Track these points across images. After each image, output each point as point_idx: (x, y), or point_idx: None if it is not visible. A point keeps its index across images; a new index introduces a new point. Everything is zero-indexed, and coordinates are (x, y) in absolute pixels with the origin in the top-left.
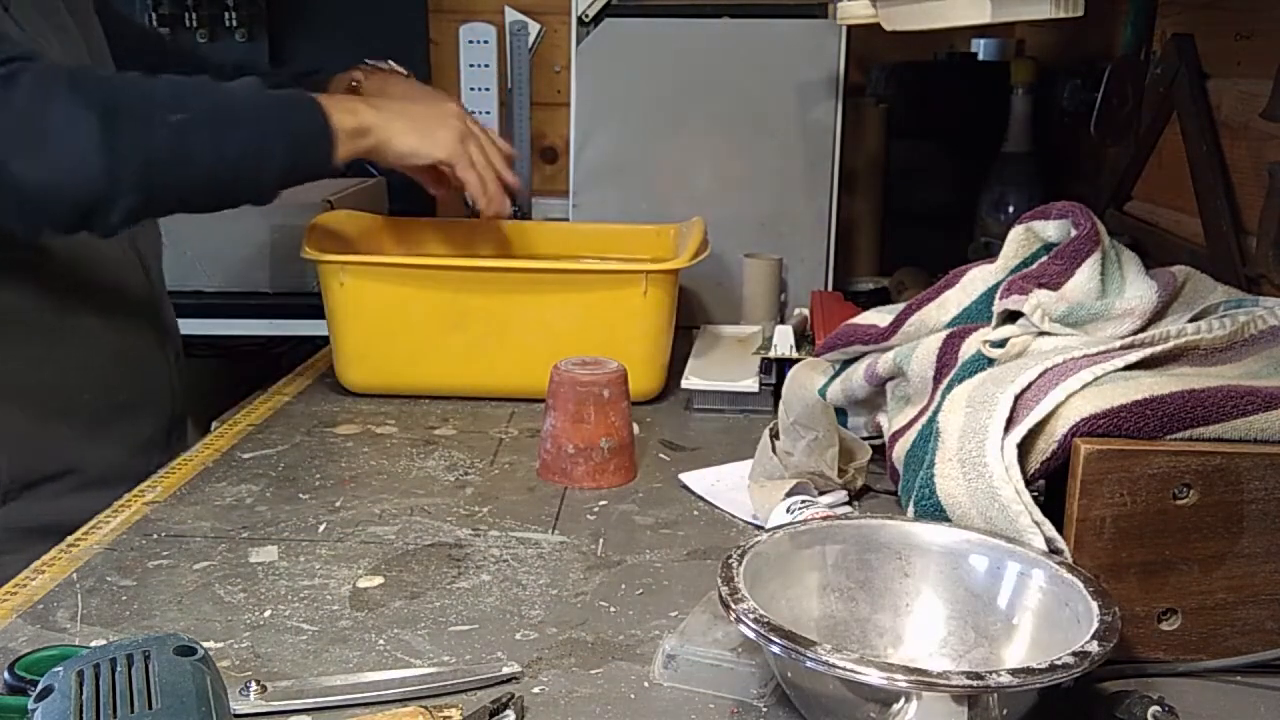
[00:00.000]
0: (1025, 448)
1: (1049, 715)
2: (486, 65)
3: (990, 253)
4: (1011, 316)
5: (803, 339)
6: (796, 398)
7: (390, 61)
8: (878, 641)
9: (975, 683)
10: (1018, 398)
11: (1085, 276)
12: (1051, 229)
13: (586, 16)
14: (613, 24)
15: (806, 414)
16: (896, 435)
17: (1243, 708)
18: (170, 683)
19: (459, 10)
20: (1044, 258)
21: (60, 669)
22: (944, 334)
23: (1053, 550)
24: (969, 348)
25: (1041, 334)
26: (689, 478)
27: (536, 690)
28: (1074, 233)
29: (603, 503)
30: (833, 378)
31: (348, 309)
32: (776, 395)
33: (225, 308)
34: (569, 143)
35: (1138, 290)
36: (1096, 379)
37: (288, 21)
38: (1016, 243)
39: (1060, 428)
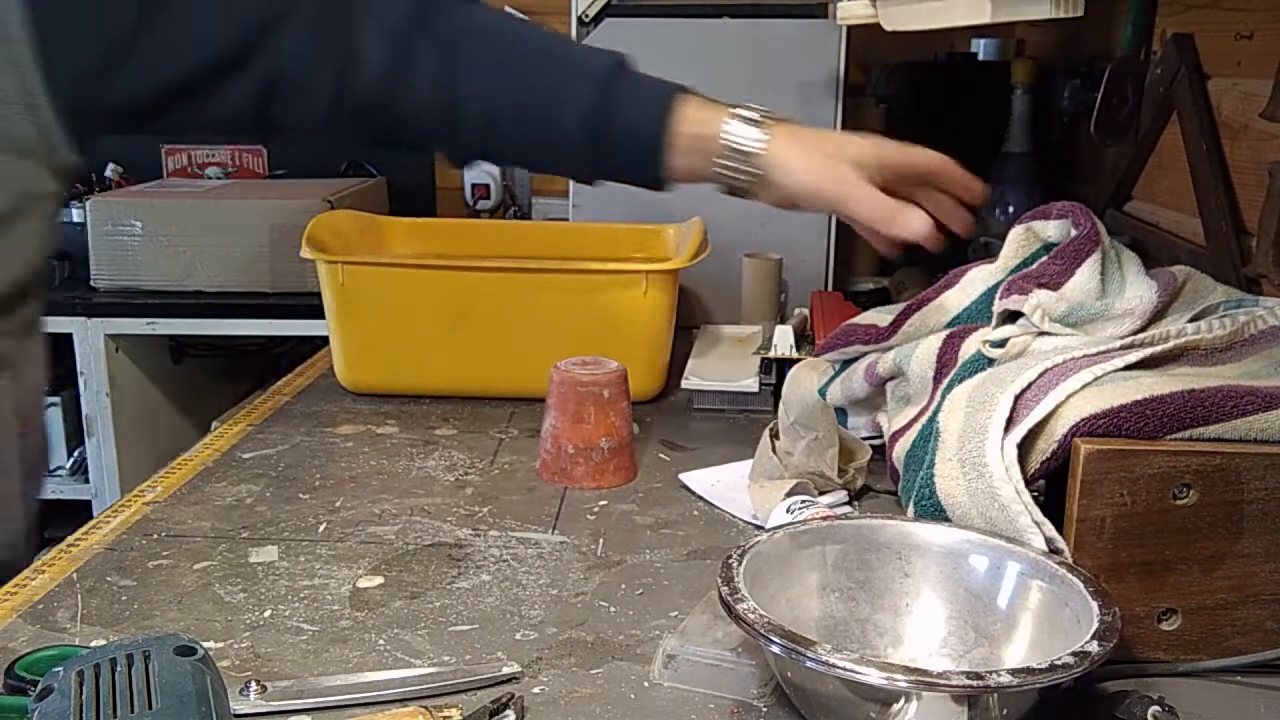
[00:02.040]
0: (1025, 448)
1: (1049, 715)
2: None
3: (990, 253)
4: (1012, 316)
5: (803, 339)
6: (796, 398)
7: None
8: (878, 641)
9: (975, 683)
10: (1018, 398)
11: (1085, 276)
12: (1052, 229)
13: (586, 16)
14: (613, 24)
15: (806, 414)
16: (896, 435)
17: (1243, 708)
18: (170, 683)
19: None
20: (1044, 258)
21: (60, 669)
22: (944, 334)
23: (1053, 550)
24: (969, 348)
25: (1041, 334)
26: (689, 478)
27: (536, 690)
28: (1074, 233)
29: (603, 503)
30: (832, 378)
31: (348, 309)
32: (776, 395)
33: (225, 308)
34: None
35: (1137, 290)
36: (1096, 379)
37: None
38: (1016, 243)
39: (1060, 428)
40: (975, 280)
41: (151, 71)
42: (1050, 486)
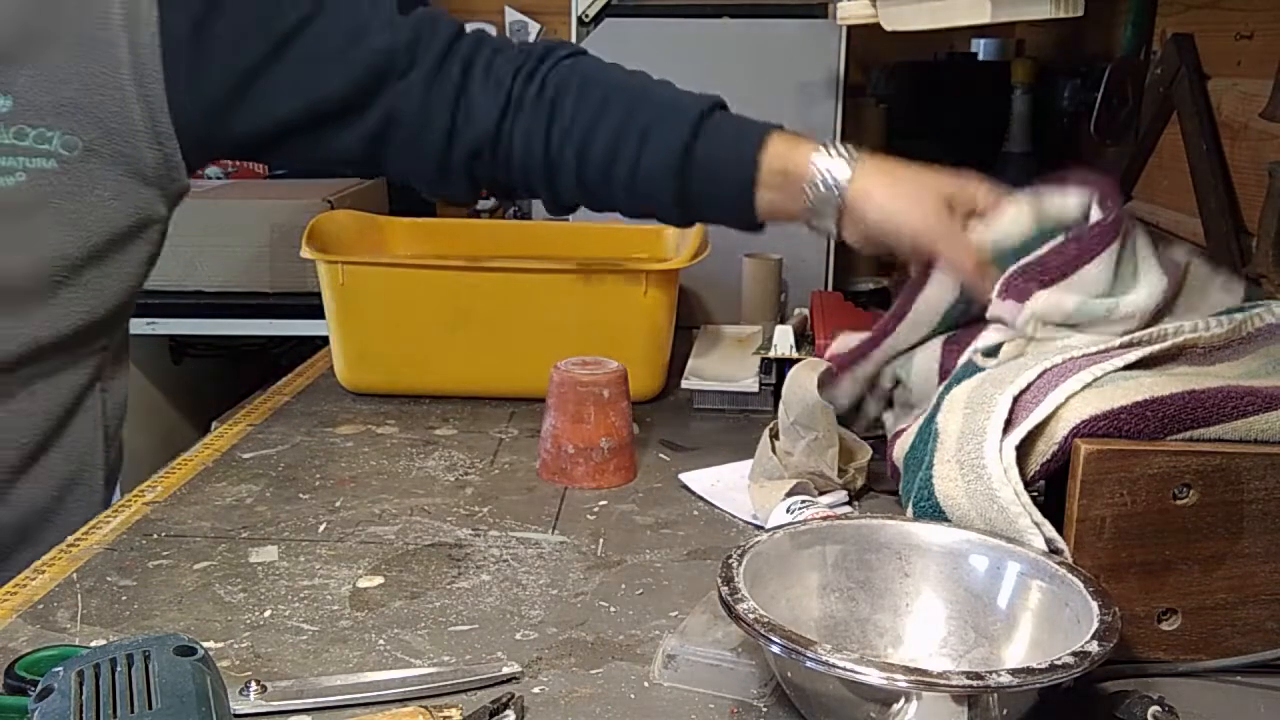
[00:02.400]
0: (1025, 450)
1: (1049, 715)
2: None
3: None
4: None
5: (803, 339)
6: (796, 398)
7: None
8: (878, 641)
9: (975, 683)
10: (1016, 399)
11: (1096, 273)
12: (1072, 206)
13: (586, 16)
14: (613, 24)
15: (806, 414)
16: (898, 435)
17: (1243, 708)
18: (170, 683)
19: (459, 10)
20: (1053, 242)
21: (60, 669)
22: (943, 339)
23: (1053, 550)
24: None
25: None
26: (689, 477)
27: (536, 690)
28: (1096, 216)
29: (603, 503)
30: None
31: (348, 309)
32: (776, 395)
33: (225, 308)
34: None
35: (1147, 288)
36: (1096, 379)
37: None
38: (1017, 219)
39: (1060, 430)
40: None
41: (270, 110)
42: (1050, 486)
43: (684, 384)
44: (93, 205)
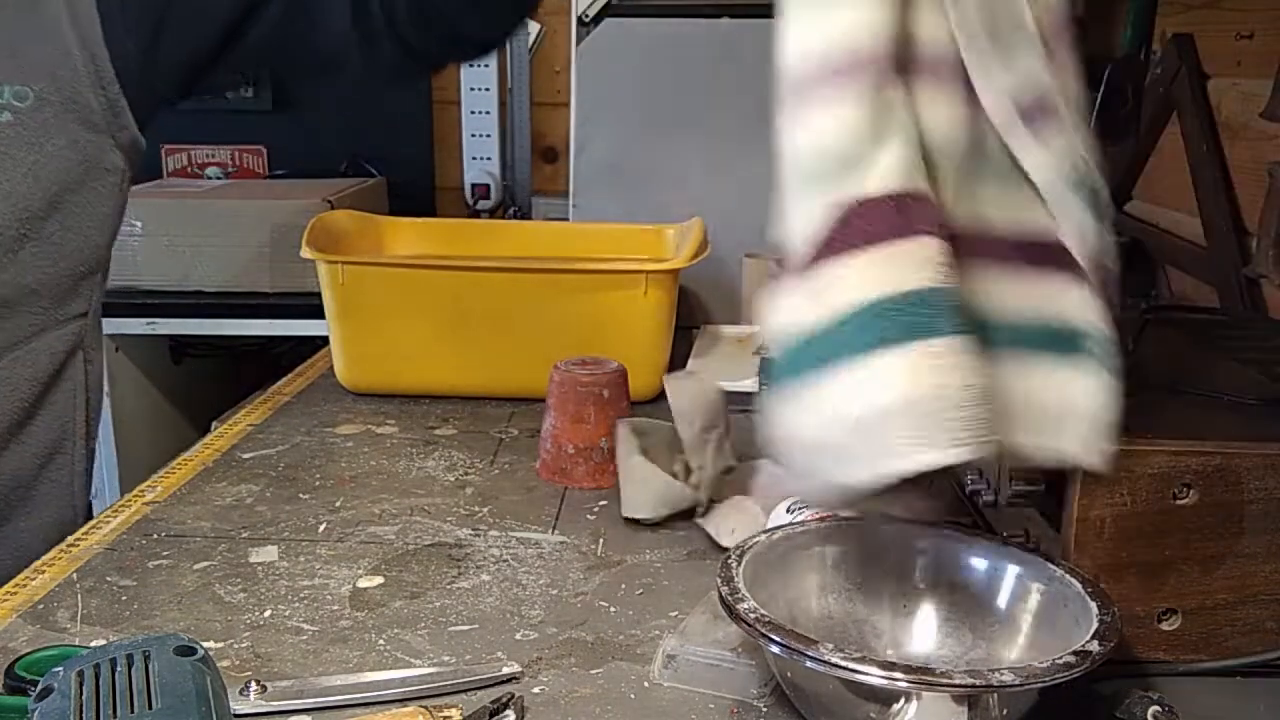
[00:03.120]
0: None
1: (1049, 715)
2: (486, 65)
3: None
4: None
5: None
6: (698, 403)
7: None
8: (875, 643)
9: (976, 682)
10: None
11: None
12: None
13: (586, 16)
14: (613, 24)
15: (710, 413)
16: None
17: (1243, 708)
18: (170, 683)
19: None
20: None
21: (60, 669)
22: None
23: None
24: None
25: None
26: None
27: (536, 690)
28: None
29: (603, 503)
30: None
31: (348, 309)
32: None
33: (225, 308)
34: (569, 143)
35: None
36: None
37: None
38: None
39: None
40: None
41: (192, 30)
42: (1050, 486)
43: None
44: (50, 155)
